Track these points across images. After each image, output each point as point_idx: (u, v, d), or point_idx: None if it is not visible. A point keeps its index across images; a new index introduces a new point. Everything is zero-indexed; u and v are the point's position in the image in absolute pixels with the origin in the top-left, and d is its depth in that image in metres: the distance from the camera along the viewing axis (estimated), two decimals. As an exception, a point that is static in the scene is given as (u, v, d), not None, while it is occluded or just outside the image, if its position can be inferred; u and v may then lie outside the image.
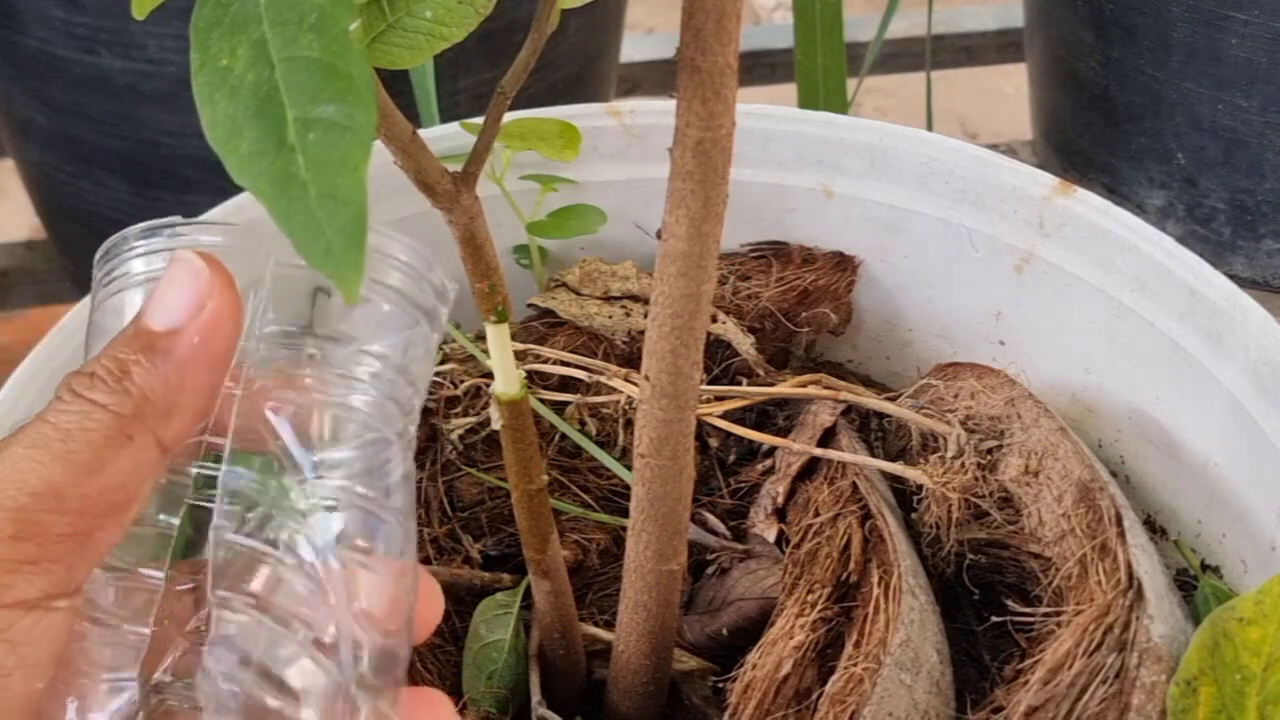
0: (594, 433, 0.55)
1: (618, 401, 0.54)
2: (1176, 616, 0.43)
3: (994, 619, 0.47)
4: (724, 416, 0.55)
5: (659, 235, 0.35)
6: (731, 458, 0.57)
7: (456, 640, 0.50)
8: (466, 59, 0.80)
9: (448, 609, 0.51)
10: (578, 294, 0.59)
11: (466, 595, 0.52)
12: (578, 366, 0.55)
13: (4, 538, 0.27)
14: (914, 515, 0.51)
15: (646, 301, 0.58)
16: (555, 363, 0.55)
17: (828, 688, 0.43)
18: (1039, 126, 0.99)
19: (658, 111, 0.61)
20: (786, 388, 0.56)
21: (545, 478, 0.43)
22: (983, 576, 0.50)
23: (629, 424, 0.54)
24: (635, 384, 0.54)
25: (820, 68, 0.77)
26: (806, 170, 0.60)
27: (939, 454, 0.50)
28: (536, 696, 0.47)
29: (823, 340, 0.63)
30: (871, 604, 0.45)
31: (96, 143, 0.80)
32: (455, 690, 0.48)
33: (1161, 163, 0.84)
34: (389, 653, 0.30)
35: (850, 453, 0.52)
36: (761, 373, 0.58)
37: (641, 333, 0.53)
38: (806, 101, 0.79)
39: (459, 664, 0.49)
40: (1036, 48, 0.95)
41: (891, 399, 0.55)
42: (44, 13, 0.74)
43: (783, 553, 0.50)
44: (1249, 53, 0.76)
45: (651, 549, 0.41)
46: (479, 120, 0.37)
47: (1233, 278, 0.51)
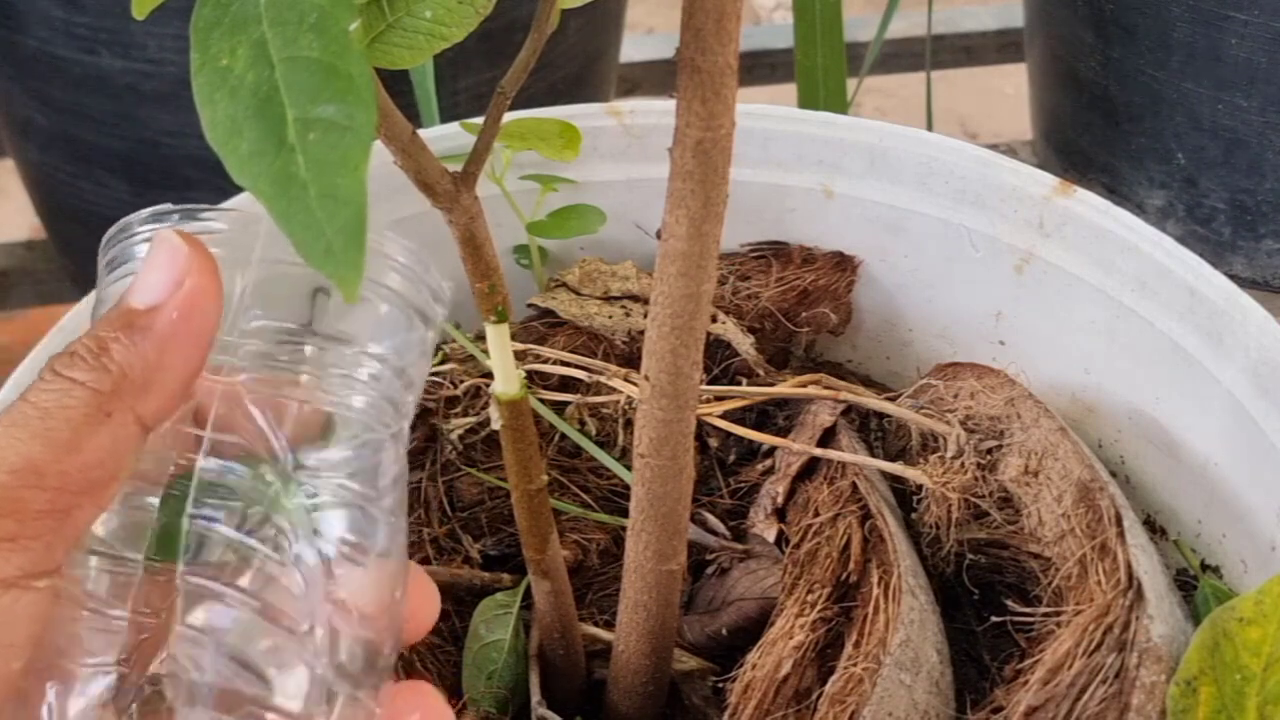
0: (594, 433, 0.55)
1: (618, 401, 0.54)
2: (1176, 616, 0.43)
3: (994, 619, 0.47)
4: (724, 416, 0.55)
5: (659, 235, 0.35)
6: (731, 458, 0.57)
7: (456, 640, 0.50)
8: (466, 59, 0.80)
9: (448, 609, 0.51)
10: (578, 294, 0.59)
11: (466, 595, 0.52)
12: (578, 366, 0.55)
13: None
14: (914, 515, 0.51)
15: (646, 301, 0.58)
16: (555, 363, 0.55)
17: (828, 688, 0.43)
18: (1039, 126, 0.99)
19: (658, 111, 0.61)
20: (786, 388, 0.56)
21: (545, 478, 0.43)
22: (983, 576, 0.50)
23: (629, 424, 0.54)
24: (635, 384, 0.54)
25: (820, 68, 0.77)
26: (806, 170, 0.60)
27: (939, 454, 0.50)
28: (536, 696, 0.47)
29: (823, 340, 0.63)
30: (871, 604, 0.45)
31: (96, 143, 0.80)
32: (455, 690, 0.48)
33: (1161, 163, 0.84)
34: (372, 646, 0.30)
35: (850, 453, 0.52)
36: (761, 373, 0.58)
37: (641, 333, 0.53)
38: (806, 101, 0.79)
39: (459, 664, 0.49)
40: (1036, 48, 0.95)
41: (891, 399, 0.55)
42: (44, 13, 0.74)
43: (782, 553, 0.50)
44: (1249, 53, 0.76)
45: (651, 549, 0.41)
46: (479, 120, 0.37)
47: (1233, 278, 0.51)
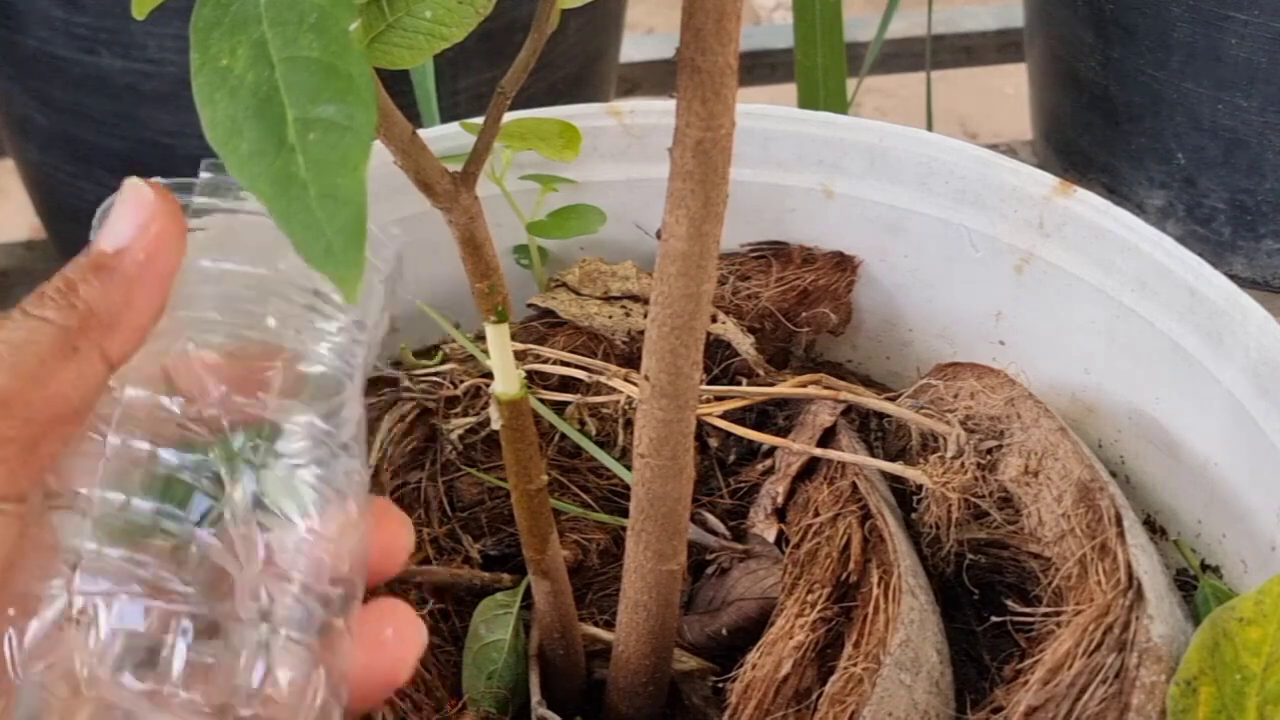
0: (594, 433, 0.55)
1: (618, 401, 0.54)
2: (1176, 616, 0.43)
3: (994, 619, 0.47)
4: (724, 416, 0.55)
5: (659, 235, 0.35)
6: (731, 458, 0.57)
7: (456, 640, 0.50)
8: (466, 59, 0.80)
9: (448, 609, 0.51)
10: (578, 294, 0.59)
11: (466, 595, 0.52)
12: (578, 366, 0.55)
13: None
14: (914, 515, 0.51)
15: (646, 301, 0.58)
16: (555, 363, 0.55)
17: (827, 688, 0.43)
18: (1039, 126, 0.99)
19: (658, 111, 0.61)
20: (786, 388, 0.56)
21: (545, 478, 0.43)
22: (982, 576, 0.50)
23: (629, 424, 0.54)
24: (635, 384, 0.54)
25: (820, 68, 0.77)
26: (806, 170, 0.60)
27: (939, 454, 0.50)
28: (536, 696, 0.47)
29: (823, 340, 0.63)
30: (871, 604, 0.45)
31: (96, 143, 0.80)
32: (455, 690, 0.48)
33: (1161, 163, 0.84)
34: (339, 578, 0.31)
35: (850, 453, 0.52)
36: (761, 373, 0.58)
37: (641, 333, 0.53)
38: (806, 101, 0.79)
39: (459, 664, 0.49)
40: (1036, 48, 0.95)
41: (891, 399, 0.55)
42: (44, 13, 0.74)
43: (782, 553, 0.50)
44: (1249, 53, 0.76)
45: (651, 549, 0.41)
46: (479, 120, 0.37)
47: (1233, 278, 0.51)
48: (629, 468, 0.48)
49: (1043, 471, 0.48)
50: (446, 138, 0.57)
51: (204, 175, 0.33)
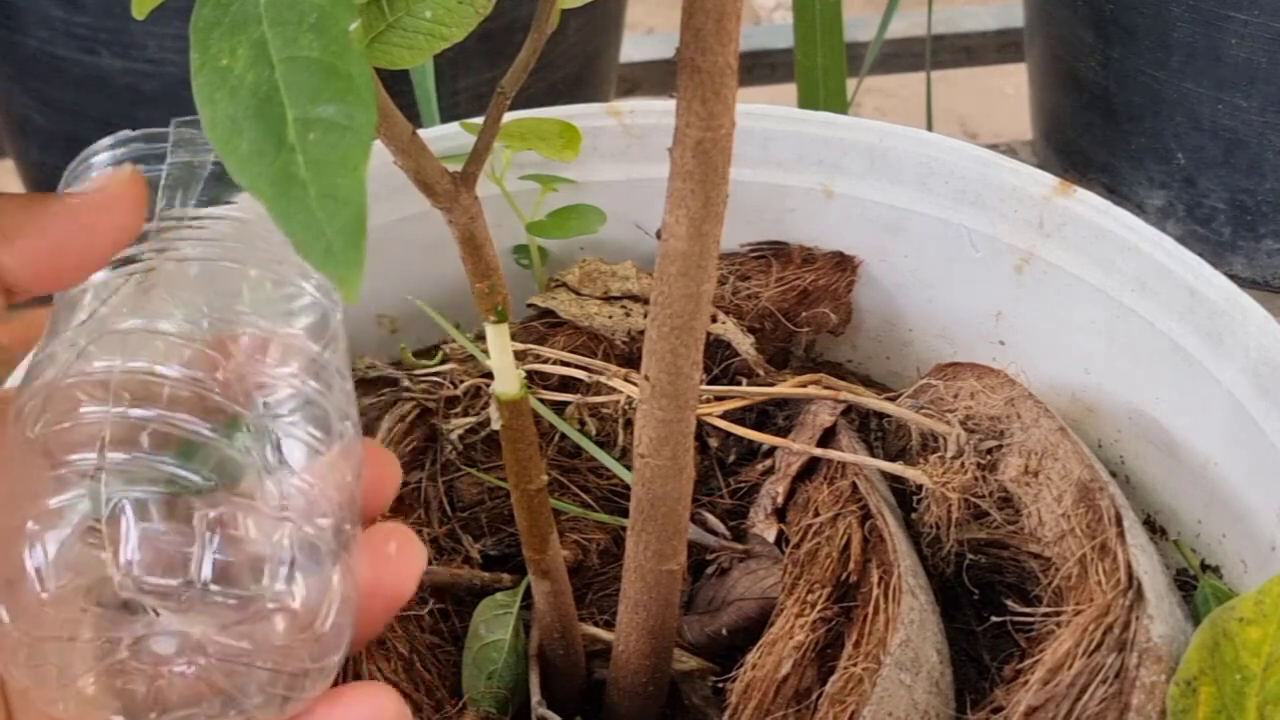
0: (594, 433, 0.55)
1: (618, 401, 0.54)
2: (1176, 616, 0.43)
3: (994, 619, 0.47)
4: (724, 416, 0.55)
5: (659, 235, 0.35)
6: (731, 458, 0.57)
7: (456, 640, 0.50)
8: (466, 59, 0.80)
9: (448, 609, 0.51)
10: (578, 294, 0.59)
11: (466, 595, 0.52)
12: (578, 366, 0.55)
13: None
14: (914, 515, 0.51)
15: (646, 301, 0.58)
16: (555, 363, 0.55)
17: (827, 688, 0.43)
18: (1039, 126, 0.99)
19: (658, 111, 0.61)
20: (786, 388, 0.56)
21: (545, 478, 0.43)
22: (983, 576, 0.50)
23: (629, 424, 0.54)
24: (635, 384, 0.54)
25: (820, 68, 0.77)
26: (806, 170, 0.60)
27: (939, 454, 0.50)
28: (536, 696, 0.47)
29: (823, 340, 0.63)
30: (871, 604, 0.45)
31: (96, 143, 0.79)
32: (455, 690, 0.48)
33: (1161, 163, 0.84)
34: (337, 520, 0.31)
35: (850, 453, 0.52)
36: (761, 373, 0.58)
37: (641, 333, 0.53)
38: (806, 101, 0.79)
39: (459, 664, 0.49)
40: (1036, 48, 0.95)
41: (891, 399, 0.55)
42: (44, 13, 0.74)
43: (782, 553, 0.50)
44: (1249, 53, 0.76)
45: (651, 549, 0.41)
46: (479, 120, 0.37)
47: (1233, 278, 0.51)
48: (629, 468, 0.48)
49: (1043, 471, 0.48)
50: (446, 138, 0.57)
51: (175, 130, 0.32)
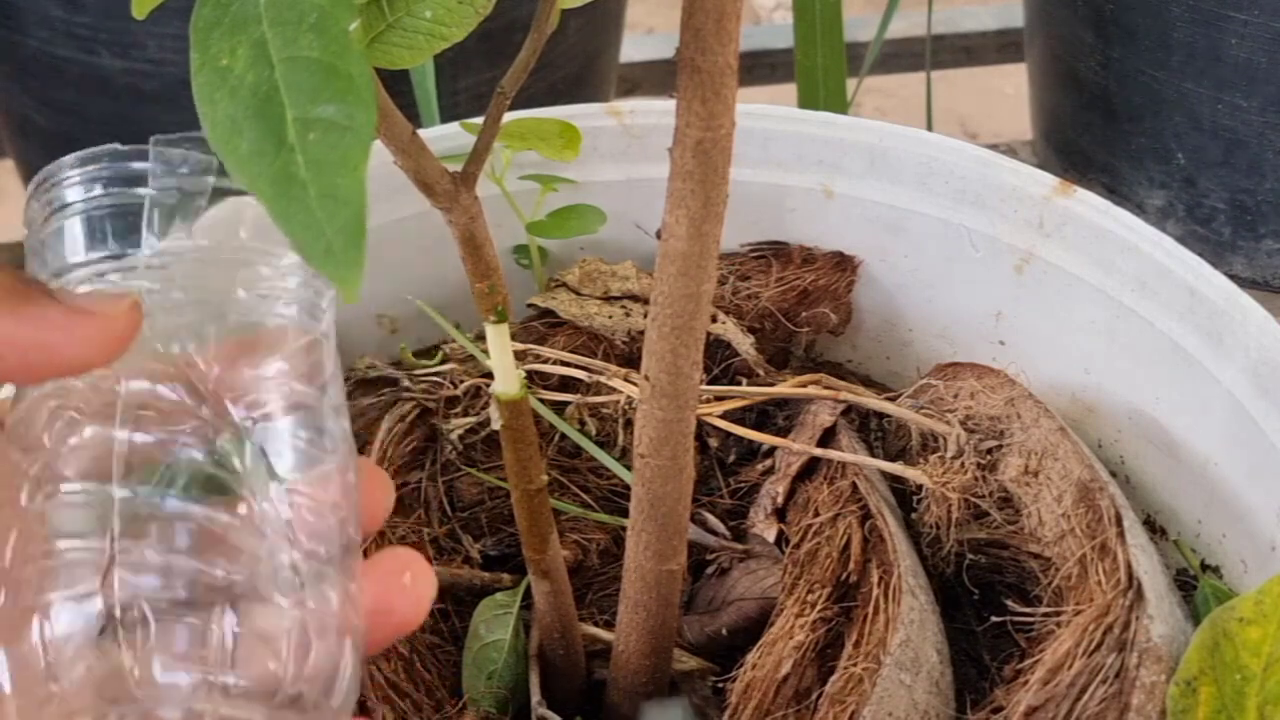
0: (594, 433, 0.55)
1: (618, 401, 0.54)
2: (1176, 616, 0.43)
3: (994, 619, 0.47)
4: (724, 416, 0.55)
5: (659, 235, 0.35)
6: (731, 458, 0.57)
7: (456, 640, 0.50)
8: (466, 59, 0.80)
9: (448, 609, 0.51)
10: (578, 294, 0.59)
11: (466, 595, 0.52)
12: (578, 366, 0.55)
13: None
14: (914, 515, 0.51)
15: (646, 301, 0.58)
16: (555, 363, 0.55)
17: (827, 688, 0.43)
18: (1039, 126, 0.99)
19: (658, 111, 0.61)
20: (786, 388, 0.56)
21: (545, 478, 0.43)
22: (983, 576, 0.50)
23: (629, 424, 0.54)
24: (635, 384, 0.54)
25: (820, 68, 0.77)
26: (806, 170, 0.60)
27: (939, 454, 0.50)
28: (536, 696, 0.47)
29: (823, 340, 0.63)
30: (871, 604, 0.45)
31: (96, 143, 0.79)
32: (455, 690, 0.48)
33: (1161, 163, 0.84)
34: (335, 531, 0.31)
35: (850, 453, 0.52)
36: (761, 373, 0.58)
37: (641, 333, 0.53)
38: (806, 101, 0.79)
39: (459, 664, 0.49)
40: (1036, 48, 0.95)
41: (891, 399, 0.55)
42: (44, 13, 0.74)
43: (782, 553, 0.50)
44: (1249, 53, 0.76)
45: (651, 549, 0.41)
46: (479, 120, 0.37)
47: (1233, 278, 0.51)
48: (629, 468, 0.48)
49: (1043, 471, 0.48)
50: (446, 138, 0.57)
51: (154, 152, 0.31)
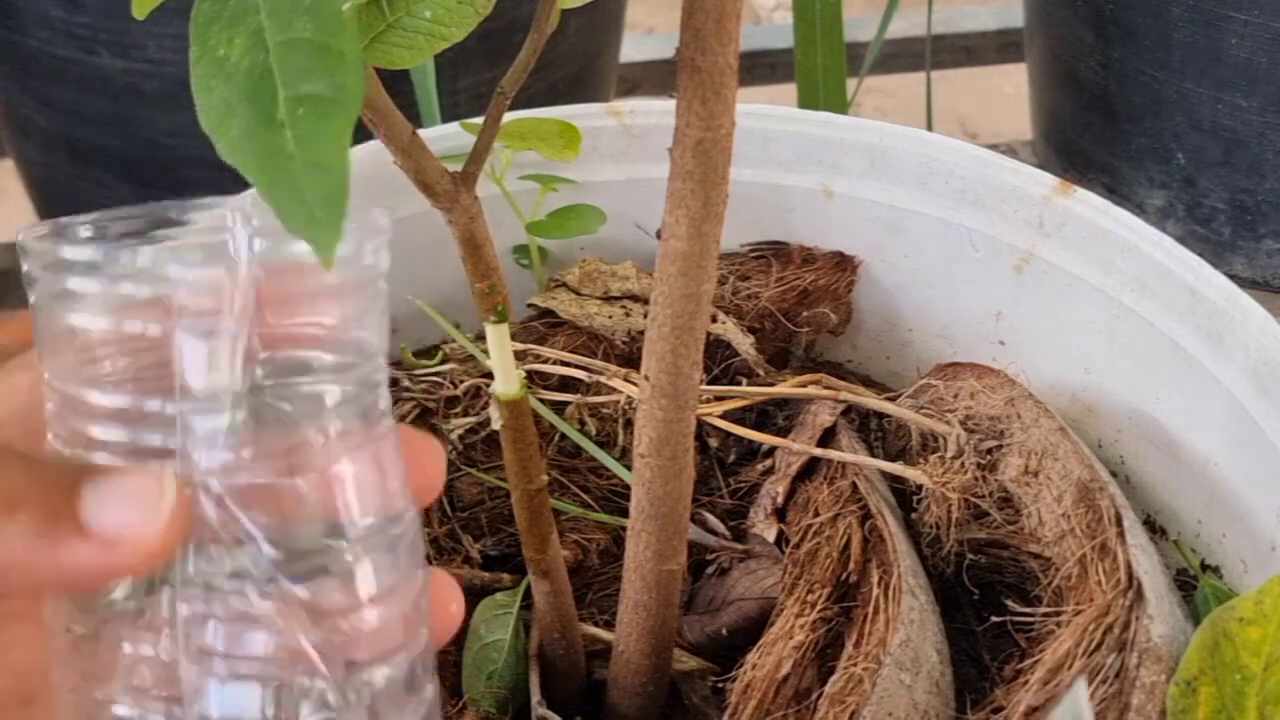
0: (594, 433, 0.55)
1: (618, 401, 0.54)
2: (1176, 616, 0.43)
3: (994, 619, 0.47)
4: (724, 416, 0.55)
5: (659, 235, 0.35)
6: (731, 458, 0.57)
7: (456, 640, 0.50)
8: (466, 59, 0.80)
9: (447, 609, 0.51)
10: (578, 294, 0.59)
11: (466, 595, 0.51)
12: (578, 366, 0.55)
13: None
14: (914, 515, 0.51)
15: (646, 301, 0.58)
16: (555, 363, 0.55)
17: (827, 688, 0.43)
18: (1039, 126, 0.99)
19: (658, 111, 0.61)
20: (786, 388, 0.56)
21: (545, 478, 0.43)
22: (983, 576, 0.50)
23: (629, 424, 0.54)
24: (635, 384, 0.54)
25: (820, 68, 0.77)
26: (806, 170, 0.60)
27: (939, 454, 0.50)
28: (536, 696, 0.47)
29: (823, 340, 0.63)
30: (871, 604, 0.45)
31: (96, 143, 0.80)
32: (455, 690, 0.48)
33: (1161, 163, 0.84)
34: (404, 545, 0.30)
35: (850, 453, 0.52)
36: (761, 373, 0.58)
37: (641, 333, 0.53)
38: (806, 101, 0.79)
39: (459, 664, 0.49)
40: (1036, 48, 0.95)
41: (891, 399, 0.55)
42: (44, 13, 0.74)
43: (782, 553, 0.50)
44: (1249, 53, 0.76)
45: (651, 549, 0.41)
46: (479, 120, 0.37)
47: (1233, 278, 0.51)
48: (629, 468, 0.48)
49: (1043, 471, 0.48)
50: (446, 138, 0.57)
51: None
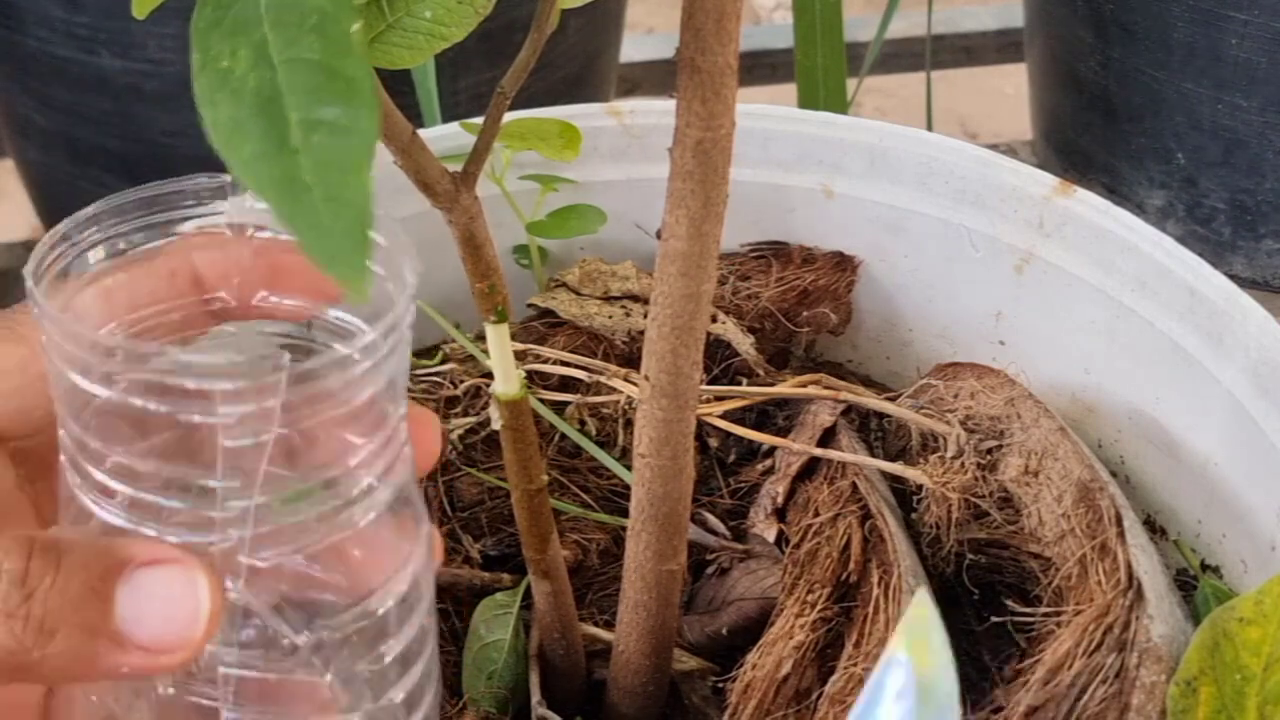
0: (594, 433, 0.55)
1: (618, 401, 0.54)
2: (1176, 616, 0.43)
3: (994, 619, 0.47)
4: (724, 416, 0.55)
5: (659, 235, 0.35)
6: (731, 458, 0.57)
7: (456, 640, 0.50)
8: (466, 59, 0.80)
9: (447, 609, 0.51)
10: (578, 294, 0.59)
11: (466, 595, 0.52)
12: (578, 366, 0.55)
13: None
14: (914, 515, 0.51)
15: (646, 301, 0.58)
16: (555, 363, 0.55)
17: (828, 688, 0.43)
18: (1039, 126, 0.99)
19: (658, 111, 0.61)
20: (786, 388, 0.56)
21: (545, 478, 0.43)
22: (983, 576, 0.50)
23: (629, 424, 0.54)
24: (635, 384, 0.54)
25: (820, 68, 0.77)
26: (806, 170, 0.60)
27: (939, 454, 0.51)
28: (536, 696, 0.47)
29: (823, 340, 0.63)
30: (871, 604, 0.45)
31: (96, 143, 0.80)
32: (455, 690, 0.48)
33: (1161, 163, 0.84)
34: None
35: (850, 453, 0.52)
36: (761, 373, 0.58)
37: (641, 333, 0.53)
38: (806, 101, 0.79)
39: (459, 664, 0.49)
40: (1036, 48, 0.95)
41: (891, 399, 0.55)
42: (44, 13, 0.74)
43: (783, 553, 0.50)
44: (1249, 53, 0.76)
45: (651, 549, 0.41)
46: (479, 120, 0.37)
47: (1233, 278, 0.51)
48: (629, 468, 0.48)
49: (1043, 471, 0.48)
50: (446, 138, 0.57)
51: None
